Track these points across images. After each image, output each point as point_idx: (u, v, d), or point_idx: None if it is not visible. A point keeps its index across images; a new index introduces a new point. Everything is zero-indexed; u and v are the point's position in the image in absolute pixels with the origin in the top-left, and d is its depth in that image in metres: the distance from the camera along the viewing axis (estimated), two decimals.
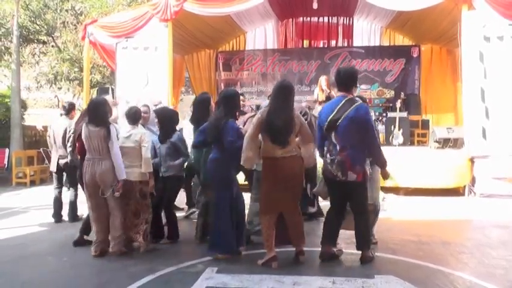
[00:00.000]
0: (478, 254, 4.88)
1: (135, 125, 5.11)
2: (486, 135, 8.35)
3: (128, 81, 10.01)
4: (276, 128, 4.24)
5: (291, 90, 4.46)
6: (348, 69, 4.72)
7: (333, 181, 4.42)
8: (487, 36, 8.43)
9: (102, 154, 4.74)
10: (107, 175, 4.72)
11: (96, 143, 4.73)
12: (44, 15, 14.79)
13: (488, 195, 8.17)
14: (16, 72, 13.09)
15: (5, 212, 7.55)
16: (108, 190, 4.73)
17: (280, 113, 4.27)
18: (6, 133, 13.45)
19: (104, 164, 4.73)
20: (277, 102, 4.33)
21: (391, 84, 13.24)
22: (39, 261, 4.78)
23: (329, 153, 4.38)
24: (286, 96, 4.37)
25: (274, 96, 4.41)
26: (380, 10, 11.40)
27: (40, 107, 22.89)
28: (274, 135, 4.26)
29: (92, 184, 4.79)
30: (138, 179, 4.96)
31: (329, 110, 4.39)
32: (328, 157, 4.39)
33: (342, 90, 4.47)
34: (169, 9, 9.51)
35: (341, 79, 4.46)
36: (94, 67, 14.73)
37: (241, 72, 14.11)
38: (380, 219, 5.35)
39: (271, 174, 4.36)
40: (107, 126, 4.73)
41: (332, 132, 4.34)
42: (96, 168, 4.74)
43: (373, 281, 3.96)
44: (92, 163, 4.78)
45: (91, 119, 4.82)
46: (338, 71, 4.55)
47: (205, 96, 5.76)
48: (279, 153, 4.29)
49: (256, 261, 4.45)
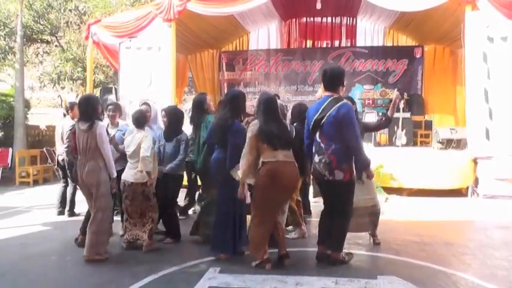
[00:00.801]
0: (480, 255, 4.88)
1: (140, 129, 5.12)
2: (489, 136, 8.33)
3: (131, 81, 10.03)
4: (274, 134, 4.27)
5: (275, 102, 4.56)
6: (334, 69, 4.67)
7: (322, 181, 4.45)
8: (490, 37, 8.41)
9: (88, 155, 4.65)
10: (92, 176, 4.65)
11: (84, 142, 4.63)
12: (48, 15, 14.85)
13: (491, 196, 8.15)
14: (20, 72, 13.13)
15: (9, 211, 7.57)
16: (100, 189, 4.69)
17: (272, 121, 4.34)
18: (9, 132, 13.51)
19: (89, 165, 4.65)
20: (266, 114, 4.38)
21: (394, 84, 13.20)
22: (42, 260, 4.80)
23: (316, 153, 4.41)
24: (273, 108, 4.45)
25: (262, 109, 4.42)
26: (383, 10, 11.39)
27: (43, 107, 22.93)
28: (273, 141, 4.27)
29: (82, 185, 4.79)
30: (140, 180, 4.95)
31: (314, 110, 4.42)
32: (316, 157, 4.41)
33: (328, 90, 4.48)
34: (172, 9, 9.53)
35: (327, 79, 4.47)
36: (97, 67, 14.78)
37: (245, 72, 14.12)
38: (383, 220, 5.35)
39: (272, 180, 4.25)
40: (92, 122, 4.64)
41: (317, 131, 4.38)
42: (82, 169, 4.69)
43: (375, 282, 3.96)
44: (80, 163, 4.73)
45: (80, 116, 4.78)
46: (324, 71, 4.55)
47: (200, 96, 5.85)
48: (281, 157, 4.28)
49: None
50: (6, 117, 13.98)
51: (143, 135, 5.04)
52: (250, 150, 4.29)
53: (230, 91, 6.19)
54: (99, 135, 4.62)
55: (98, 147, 4.63)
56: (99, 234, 4.70)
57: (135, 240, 5.05)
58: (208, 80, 14.26)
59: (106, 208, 4.77)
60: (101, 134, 4.63)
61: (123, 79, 10.27)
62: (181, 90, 13.67)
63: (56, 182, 11.22)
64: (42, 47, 16.23)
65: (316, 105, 4.50)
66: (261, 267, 4.31)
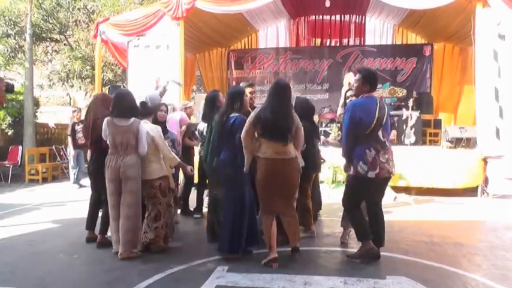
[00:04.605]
0: (491, 256, 4.82)
1: (146, 119, 5.06)
2: (500, 135, 8.24)
3: (139, 79, 10.03)
4: (275, 123, 4.21)
5: (288, 89, 4.48)
6: (372, 71, 4.84)
7: (387, 179, 4.62)
8: (501, 34, 8.31)
9: (127, 149, 4.69)
10: (131, 169, 4.68)
11: (121, 138, 4.66)
12: (57, 14, 14.95)
13: (501, 196, 8.07)
14: (29, 71, 13.23)
15: (18, 209, 7.62)
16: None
17: (278, 109, 4.26)
18: (19, 130, 13.61)
19: (129, 158, 4.68)
20: (275, 100, 4.32)
21: (403, 83, 13.15)
22: (51, 258, 4.81)
23: (382, 152, 4.44)
24: (283, 94, 4.37)
25: (272, 94, 4.39)
26: (392, 8, 11.32)
27: (52, 105, 23.08)
28: (273, 131, 4.22)
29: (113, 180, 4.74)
30: (154, 176, 4.86)
31: (369, 109, 4.43)
32: (381, 156, 4.44)
33: (372, 90, 4.53)
34: (181, 7, 9.53)
35: (374, 79, 4.55)
36: (106, 65, 14.84)
37: (253, 70, 14.13)
38: (391, 220, 5.32)
39: (267, 176, 4.27)
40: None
41: (379, 130, 4.51)
42: (119, 162, 4.67)
43: (384, 282, 3.92)
44: (115, 158, 4.71)
45: (119, 112, 4.76)
46: (369, 71, 4.64)
47: (213, 93, 5.81)
48: (276, 153, 4.24)
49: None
50: (16, 115, 14.10)
51: (154, 126, 5.01)
52: (245, 137, 4.26)
53: (230, 88, 6.20)
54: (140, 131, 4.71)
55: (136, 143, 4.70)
56: (136, 230, 4.72)
57: (148, 244, 4.94)
58: (217, 78, 14.27)
59: (138, 204, 4.76)
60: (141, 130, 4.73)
61: (131, 77, 10.30)
62: (189, 88, 13.68)
63: (64, 180, 11.31)
64: (51, 45, 16.33)
65: (366, 104, 4.40)
66: (269, 265, 4.31)
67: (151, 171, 4.85)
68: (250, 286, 3.86)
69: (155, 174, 4.86)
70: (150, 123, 5.06)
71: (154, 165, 4.87)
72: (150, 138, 4.83)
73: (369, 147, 4.32)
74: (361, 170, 4.33)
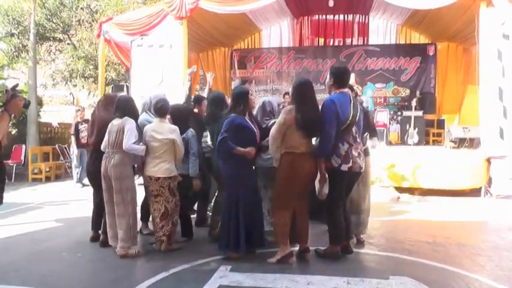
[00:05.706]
0: (494, 257, 4.81)
1: (163, 118, 5.01)
2: (504, 135, 8.21)
3: (142, 78, 10.04)
4: (312, 122, 4.34)
5: (312, 86, 4.60)
6: (341, 67, 4.87)
7: (358, 174, 4.69)
8: (506, 34, 8.26)
9: (115, 148, 4.75)
10: (115, 169, 4.73)
11: (114, 136, 4.74)
12: (60, 13, 14.97)
13: (505, 197, 8.04)
14: (33, 70, 13.26)
15: (21, 208, 7.65)
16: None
17: (312, 108, 4.42)
18: (23, 130, 13.64)
19: (116, 158, 4.74)
20: (306, 99, 4.43)
21: (407, 82, 13.11)
22: (54, 256, 4.83)
23: (353, 146, 4.53)
24: (312, 93, 4.51)
25: (301, 93, 4.47)
26: (396, 8, 11.28)
27: (55, 104, 23.12)
28: (310, 128, 4.37)
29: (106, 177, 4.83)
30: (166, 175, 4.84)
31: (344, 106, 4.48)
32: (353, 151, 4.52)
33: (342, 86, 4.59)
34: (184, 6, 9.51)
35: (343, 76, 4.63)
36: (109, 65, 14.84)
37: (256, 70, 14.09)
38: (395, 220, 5.31)
39: (295, 170, 4.36)
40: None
41: (353, 127, 4.60)
42: (107, 162, 4.77)
43: (387, 282, 3.92)
44: (106, 156, 4.82)
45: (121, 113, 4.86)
46: (340, 69, 4.73)
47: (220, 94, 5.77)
48: (304, 148, 4.37)
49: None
50: (20, 114, 14.10)
51: (169, 126, 4.99)
52: (278, 138, 4.37)
53: (234, 88, 6.20)
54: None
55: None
56: (127, 229, 4.74)
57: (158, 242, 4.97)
58: (220, 78, 14.23)
59: (126, 202, 4.77)
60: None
61: (134, 77, 10.28)
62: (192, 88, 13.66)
63: (67, 179, 11.34)
64: (55, 45, 16.34)
65: (341, 100, 4.42)
66: (283, 262, 4.32)
67: (163, 168, 4.83)
68: (253, 286, 3.86)
69: (167, 173, 4.85)
70: (168, 123, 5.04)
71: (167, 164, 4.85)
72: (150, 137, 4.85)
73: (342, 141, 4.41)
74: (334, 163, 4.39)
